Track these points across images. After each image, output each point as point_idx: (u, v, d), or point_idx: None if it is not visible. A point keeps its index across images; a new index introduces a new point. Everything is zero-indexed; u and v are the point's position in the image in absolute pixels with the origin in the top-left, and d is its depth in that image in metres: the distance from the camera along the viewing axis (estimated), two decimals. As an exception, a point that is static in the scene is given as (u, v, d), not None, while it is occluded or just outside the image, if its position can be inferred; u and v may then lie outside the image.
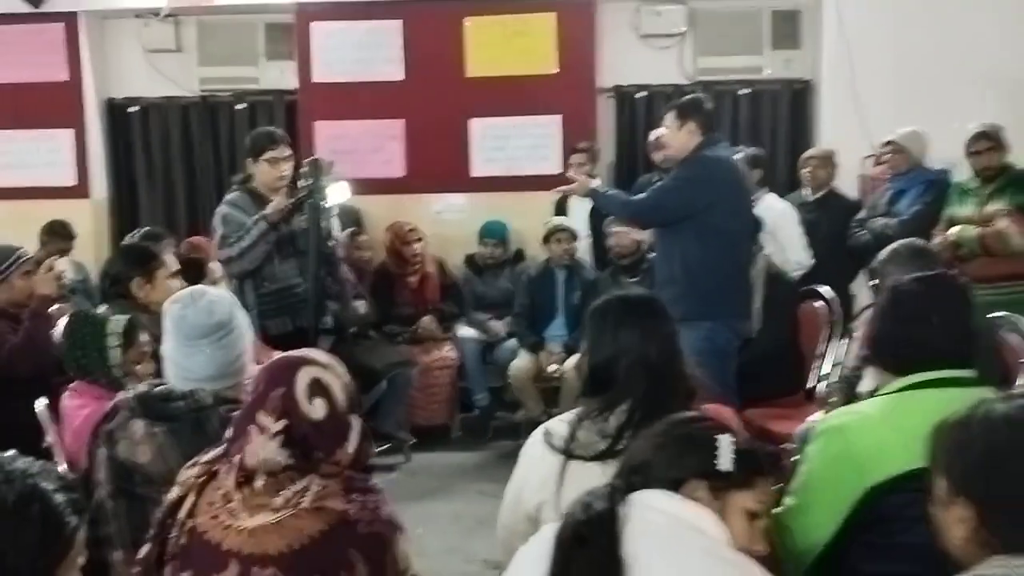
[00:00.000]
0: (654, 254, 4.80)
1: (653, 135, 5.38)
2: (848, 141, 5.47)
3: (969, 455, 1.33)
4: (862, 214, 4.99)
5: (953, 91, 5.32)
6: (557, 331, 5.23)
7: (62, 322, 2.92)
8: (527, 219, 5.69)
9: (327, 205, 3.94)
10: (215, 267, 3.54)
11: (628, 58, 6.01)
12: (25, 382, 2.93)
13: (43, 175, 6.10)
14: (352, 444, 1.63)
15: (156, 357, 2.63)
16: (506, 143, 5.92)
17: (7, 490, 1.06)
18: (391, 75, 5.91)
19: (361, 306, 4.66)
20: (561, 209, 5.51)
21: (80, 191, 6.18)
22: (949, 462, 1.36)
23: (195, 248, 4.61)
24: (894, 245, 3.35)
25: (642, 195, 4.01)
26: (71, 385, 2.64)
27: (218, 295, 2.21)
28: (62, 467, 2.34)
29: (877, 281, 3.22)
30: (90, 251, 5.91)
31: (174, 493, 1.69)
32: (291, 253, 4.02)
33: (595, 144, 5.70)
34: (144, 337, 2.73)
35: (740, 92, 5.93)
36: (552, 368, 5.01)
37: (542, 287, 5.25)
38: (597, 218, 5.34)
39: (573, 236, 5.22)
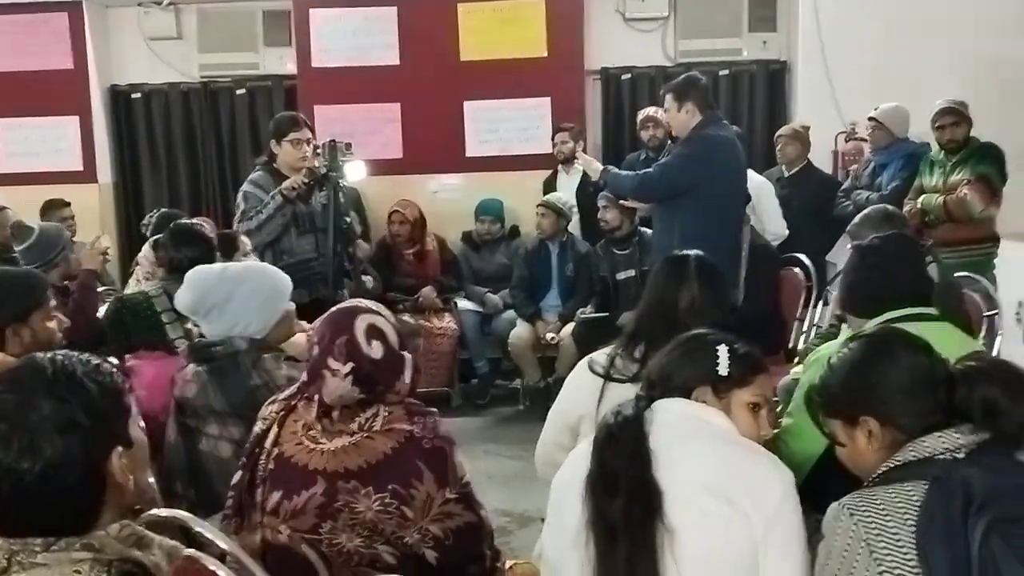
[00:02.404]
0: (644, 228, 5.13)
1: (641, 115, 5.67)
2: (822, 119, 5.77)
3: (850, 383, 1.66)
4: (846, 185, 5.30)
5: (923, 71, 5.57)
6: (552, 301, 5.53)
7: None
8: (520, 197, 5.96)
9: (345, 183, 4.20)
10: (245, 240, 3.81)
11: (614, 41, 6.28)
12: (74, 349, 3.17)
13: (51, 161, 6.32)
14: (408, 376, 1.94)
15: None
16: (499, 125, 6.18)
17: (71, 365, 1.26)
18: (387, 60, 6.15)
19: (368, 281, 4.91)
20: (550, 187, 5.80)
21: (87, 176, 6.38)
22: (836, 401, 1.69)
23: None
24: (866, 211, 3.70)
25: (647, 170, 4.26)
26: (130, 355, 2.88)
27: (195, 277, 2.48)
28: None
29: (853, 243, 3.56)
30: (97, 234, 6.10)
31: (259, 426, 1.99)
32: (309, 229, 4.28)
33: (579, 123, 5.97)
34: None
35: (720, 73, 6.22)
36: (549, 336, 5.30)
37: (537, 260, 5.54)
38: (585, 194, 5.64)
39: (555, 211, 5.44)
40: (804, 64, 6.01)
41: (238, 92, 6.45)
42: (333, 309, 2.03)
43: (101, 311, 3.44)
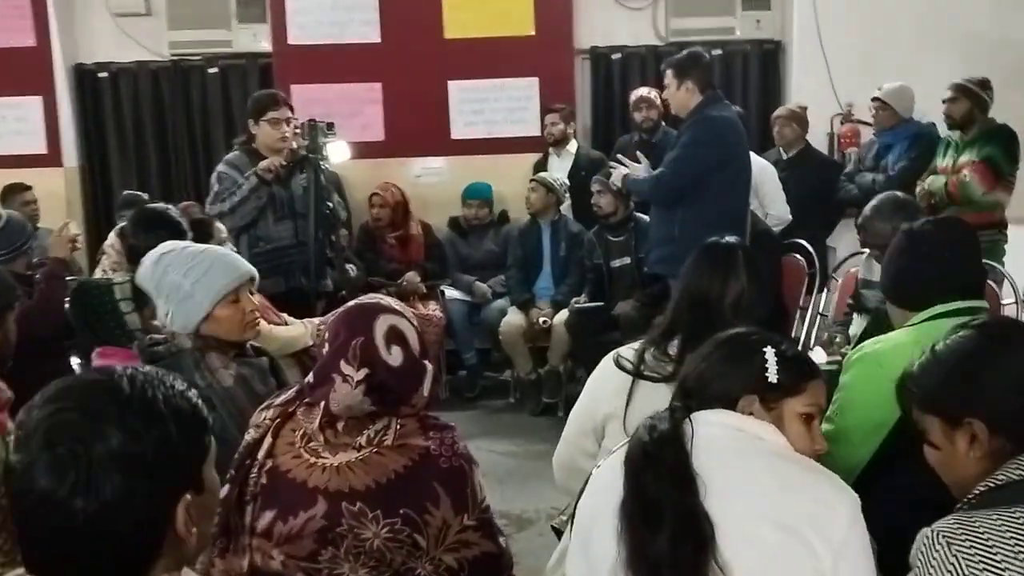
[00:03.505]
0: (640, 214, 4.94)
1: (634, 95, 5.48)
2: (817, 101, 5.62)
3: (958, 377, 1.45)
4: (849, 168, 5.15)
5: (919, 50, 5.47)
6: (544, 283, 5.33)
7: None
8: (508, 181, 5.75)
9: (327, 166, 3.95)
10: (220, 227, 3.54)
11: (603, 20, 6.06)
12: (40, 343, 2.93)
13: (13, 143, 5.99)
14: (426, 388, 1.70)
15: None
16: (484, 106, 5.95)
17: (151, 389, 1.07)
18: (368, 37, 5.89)
19: (351, 269, 4.68)
20: (541, 171, 5.58)
21: (51, 159, 6.06)
22: (938, 396, 1.47)
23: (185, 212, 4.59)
24: (877, 199, 3.51)
25: (661, 170, 4.05)
26: (98, 349, 2.64)
27: (161, 250, 2.30)
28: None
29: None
30: (65, 219, 5.79)
31: (251, 435, 1.75)
32: (287, 215, 4.04)
33: (570, 104, 5.77)
34: None
35: (712, 53, 5.99)
36: (542, 320, 5.09)
37: (529, 241, 5.35)
38: (577, 178, 5.44)
39: (545, 186, 5.26)
40: (799, 44, 5.85)
41: (210, 71, 6.15)
42: (351, 305, 1.77)
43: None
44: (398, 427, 1.66)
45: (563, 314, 5.03)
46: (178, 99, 6.20)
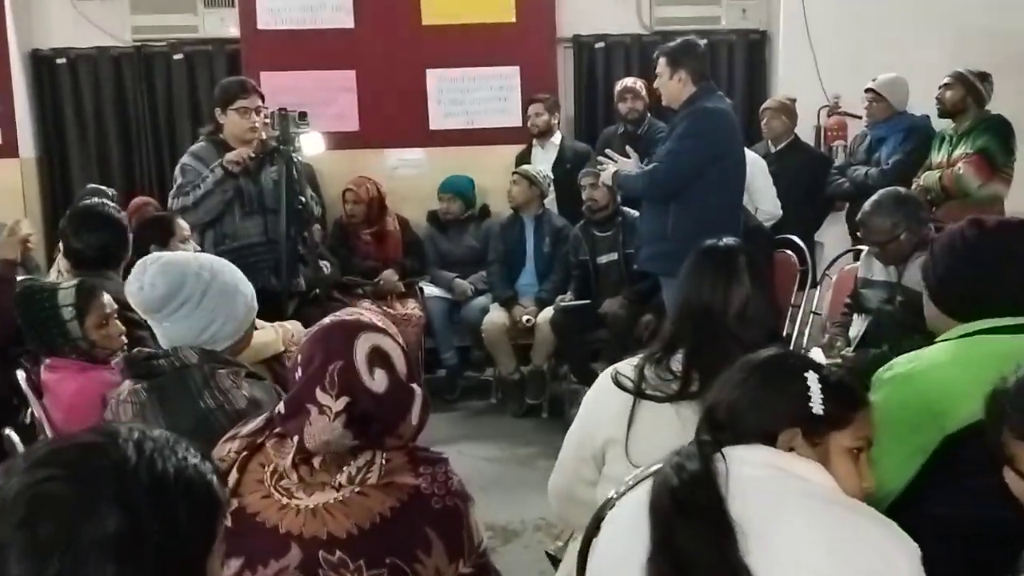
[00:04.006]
0: (627, 209, 4.75)
1: (619, 85, 5.30)
2: (804, 92, 5.48)
3: None
4: (839, 162, 5.01)
5: (908, 42, 5.35)
6: (527, 280, 5.13)
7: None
8: (490, 174, 5.54)
9: (299, 158, 3.73)
10: (183, 224, 3.30)
11: (586, 7, 5.87)
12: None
13: (-35, 134, 5.69)
14: (415, 416, 1.50)
15: (131, 320, 2.48)
16: (464, 95, 5.74)
17: (161, 460, 0.87)
18: (341, 23, 5.64)
19: (325, 267, 4.46)
20: (524, 162, 5.38)
21: (7, 150, 5.75)
22: None
23: (138, 210, 4.36)
24: (877, 195, 3.34)
25: (655, 165, 3.85)
26: (47, 361, 2.42)
27: (172, 261, 2.03)
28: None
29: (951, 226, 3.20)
30: (21, 214, 5.51)
31: (213, 471, 1.53)
32: (256, 210, 3.82)
33: (553, 95, 5.57)
34: (105, 298, 2.51)
35: (698, 42, 5.86)
36: (525, 318, 4.89)
37: (511, 236, 5.14)
38: (562, 171, 5.25)
39: (527, 179, 5.06)
40: (785, 34, 5.72)
41: (175, 57, 5.86)
42: (327, 323, 1.54)
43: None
44: (383, 462, 1.44)
45: (548, 312, 4.84)
46: (141, 87, 5.90)
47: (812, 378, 1.36)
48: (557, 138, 5.42)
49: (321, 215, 5.09)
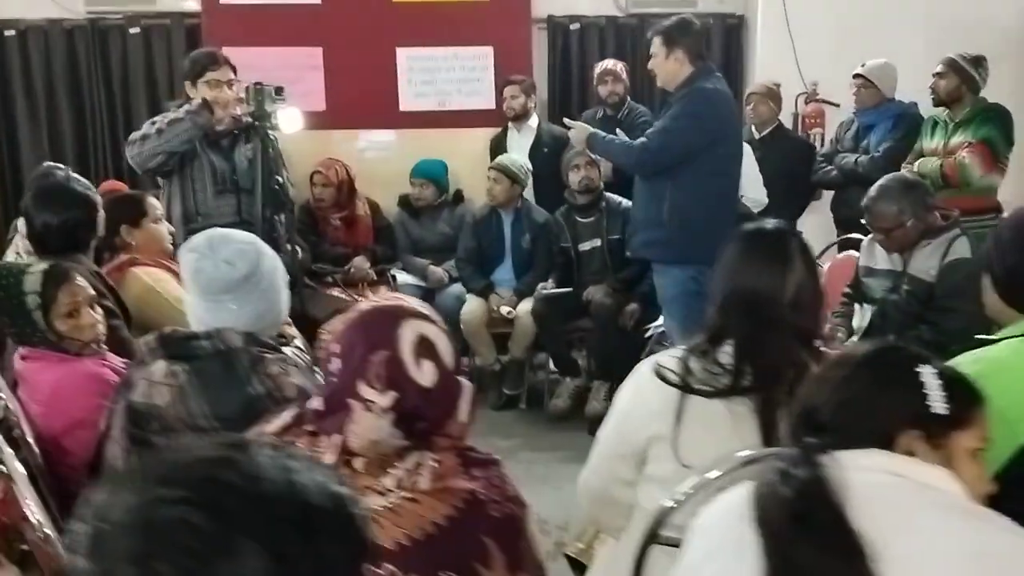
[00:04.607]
0: (610, 194, 4.63)
1: (599, 68, 5.17)
2: (782, 78, 5.39)
3: None
4: (826, 149, 4.94)
5: (886, 28, 5.31)
6: (504, 275, 4.94)
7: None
8: (462, 157, 5.36)
9: (276, 135, 3.52)
10: (155, 203, 3.07)
11: (561, -12, 5.73)
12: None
13: (-95, 109, 5.33)
14: (464, 412, 1.35)
15: (103, 307, 2.29)
16: (436, 75, 5.55)
17: (298, 480, 0.70)
18: (308, -3, 5.43)
19: (299, 251, 4.25)
20: (500, 146, 5.22)
21: (-50, 127, 5.43)
22: None
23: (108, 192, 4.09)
24: (883, 180, 3.26)
25: (642, 139, 3.71)
26: (21, 351, 2.20)
27: (243, 240, 1.90)
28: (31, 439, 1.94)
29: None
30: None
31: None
32: (230, 188, 3.60)
33: (529, 76, 5.42)
34: (78, 284, 2.27)
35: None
36: (504, 310, 4.73)
37: (488, 230, 4.93)
38: (539, 156, 5.09)
39: (509, 177, 4.84)
40: (763, 19, 5.64)
41: (131, 31, 5.56)
42: (367, 309, 1.38)
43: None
44: (434, 465, 1.29)
45: (527, 303, 4.68)
46: (95, 62, 5.59)
47: (927, 373, 1.24)
48: (534, 121, 5.26)
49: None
